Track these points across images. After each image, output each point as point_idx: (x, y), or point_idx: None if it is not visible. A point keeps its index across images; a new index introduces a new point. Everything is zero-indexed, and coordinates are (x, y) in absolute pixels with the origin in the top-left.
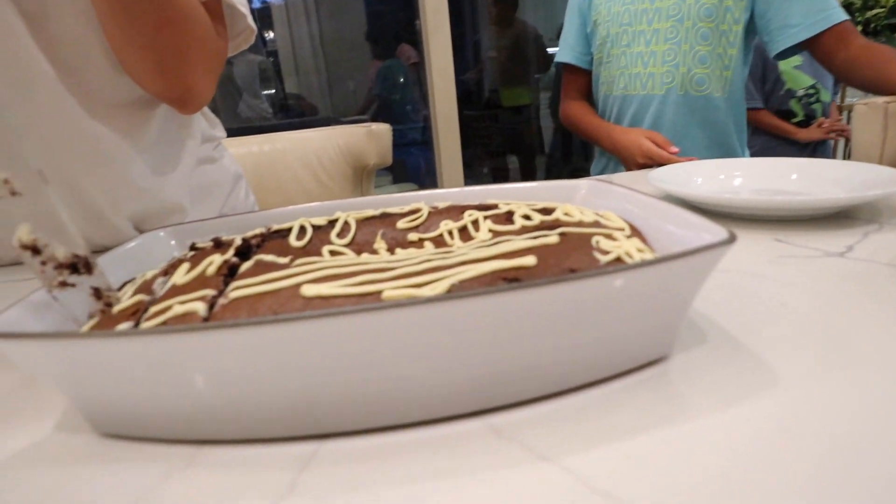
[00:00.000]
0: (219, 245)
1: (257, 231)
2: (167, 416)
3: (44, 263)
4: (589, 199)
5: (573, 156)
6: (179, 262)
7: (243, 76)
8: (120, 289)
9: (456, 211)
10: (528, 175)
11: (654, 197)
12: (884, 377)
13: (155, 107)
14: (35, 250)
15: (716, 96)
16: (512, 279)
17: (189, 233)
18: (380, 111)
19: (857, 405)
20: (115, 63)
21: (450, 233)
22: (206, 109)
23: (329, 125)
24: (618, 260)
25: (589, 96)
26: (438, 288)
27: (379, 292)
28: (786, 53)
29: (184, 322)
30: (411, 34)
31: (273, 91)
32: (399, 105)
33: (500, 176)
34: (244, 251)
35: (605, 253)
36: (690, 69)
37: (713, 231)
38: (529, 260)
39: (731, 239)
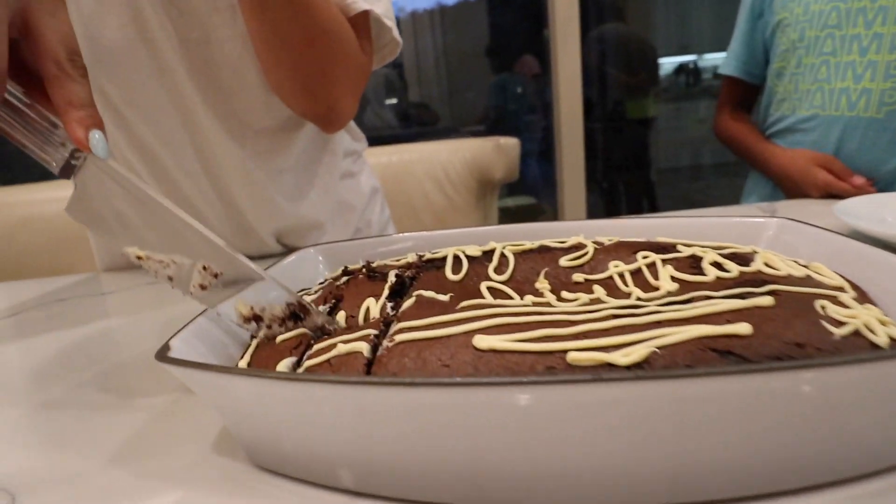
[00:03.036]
0: (372, 275)
1: (409, 259)
2: (323, 462)
3: (269, 327)
4: (779, 242)
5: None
6: (335, 287)
7: (370, 86)
8: None
9: (625, 249)
10: (648, 192)
11: (869, 244)
12: None
13: (298, 129)
14: (257, 318)
15: None
16: (723, 350)
17: (337, 252)
18: (498, 122)
19: None
20: (266, 86)
21: (621, 276)
22: (350, 122)
23: (448, 135)
24: (856, 334)
25: (751, 109)
26: (634, 354)
27: (562, 352)
28: None
29: (347, 362)
30: (534, 45)
31: (396, 100)
32: (516, 116)
33: (623, 191)
34: (399, 286)
35: (838, 324)
36: None
37: None
38: (744, 328)
39: None
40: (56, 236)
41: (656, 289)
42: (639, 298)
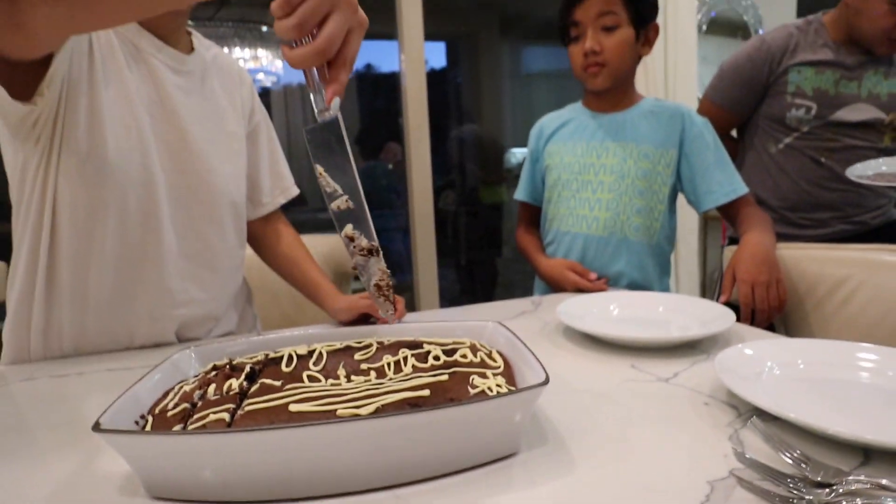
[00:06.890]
0: (234, 369)
1: (259, 357)
2: (202, 486)
3: (355, 247)
4: (488, 337)
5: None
6: (207, 379)
7: None
8: (165, 396)
9: (394, 348)
10: (493, 273)
11: (521, 341)
12: (638, 467)
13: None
14: (352, 239)
15: (645, 243)
16: (414, 404)
17: (209, 353)
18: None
19: (619, 485)
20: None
21: (388, 365)
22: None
23: (315, 213)
24: (482, 392)
25: (538, 225)
26: (369, 409)
27: (334, 411)
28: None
29: (215, 426)
30: (398, 132)
31: None
32: (385, 192)
33: (471, 270)
34: (251, 375)
35: (475, 388)
36: (629, 217)
37: (538, 372)
38: (425, 392)
39: (545, 382)
40: None
41: (403, 371)
42: (390, 379)
